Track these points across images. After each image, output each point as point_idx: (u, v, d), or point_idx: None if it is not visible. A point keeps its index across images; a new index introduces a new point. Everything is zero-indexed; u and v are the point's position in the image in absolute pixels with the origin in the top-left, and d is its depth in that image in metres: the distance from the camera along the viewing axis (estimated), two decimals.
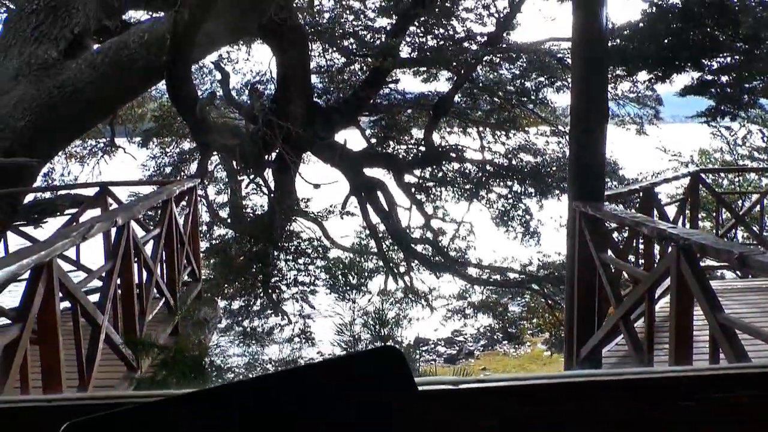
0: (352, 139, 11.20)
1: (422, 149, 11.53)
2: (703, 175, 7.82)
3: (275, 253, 10.46)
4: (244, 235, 10.47)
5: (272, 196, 10.43)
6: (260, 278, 10.44)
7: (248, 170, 10.35)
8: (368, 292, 8.47)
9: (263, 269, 10.29)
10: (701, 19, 8.88)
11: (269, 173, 10.45)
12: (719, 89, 9.86)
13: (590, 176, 5.18)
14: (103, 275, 4.84)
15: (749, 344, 3.65)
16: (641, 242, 6.01)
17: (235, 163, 9.99)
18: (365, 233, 11.53)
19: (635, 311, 4.61)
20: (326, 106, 10.95)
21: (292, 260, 10.51)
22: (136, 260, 5.27)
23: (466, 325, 13.64)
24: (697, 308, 3.80)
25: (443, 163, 11.63)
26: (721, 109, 10.22)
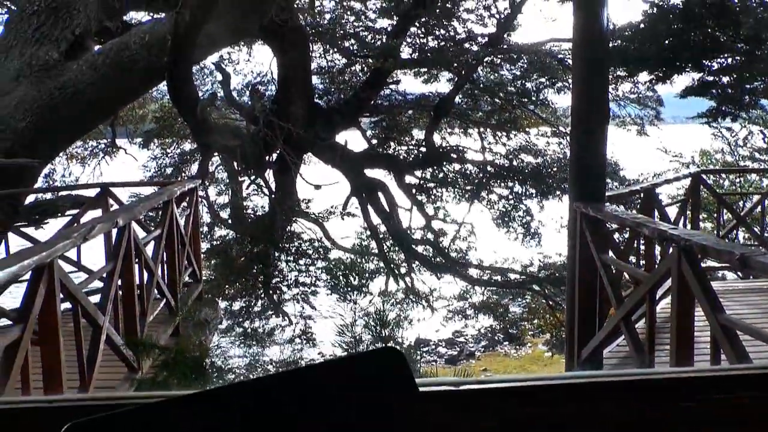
0: (352, 140, 11.21)
1: (423, 150, 11.53)
2: (704, 176, 7.81)
3: (276, 254, 10.45)
4: (245, 236, 10.46)
5: (273, 197, 10.42)
6: (261, 279, 10.43)
7: (249, 171, 10.34)
8: (369, 293, 8.44)
9: (264, 270, 10.28)
10: (702, 19, 8.87)
11: (270, 174, 10.44)
12: (720, 90, 9.85)
13: (591, 177, 5.17)
14: (104, 276, 4.85)
15: (750, 345, 3.64)
16: (642, 243, 6.01)
17: (236, 164, 9.98)
18: (366, 234, 11.54)
19: (636, 312, 4.60)
20: (327, 107, 10.96)
21: (293, 261, 10.50)
22: (137, 261, 5.28)
23: (467, 326, 13.65)
24: (698, 309, 3.79)
25: (444, 163, 11.63)
26: (722, 109, 10.22)
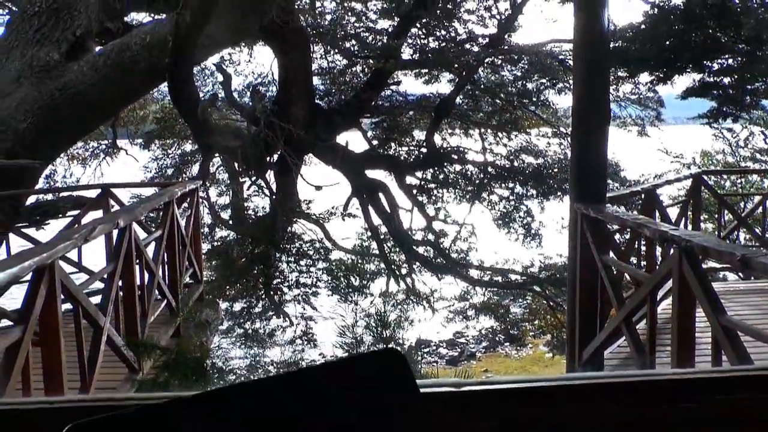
0: (353, 140, 11.21)
1: (424, 151, 11.54)
2: (705, 176, 7.79)
3: (277, 254, 10.45)
4: (245, 236, 10.47)
5: (274, 197, 10.42)
6: (262, 280, 10.43)
7: (250, 172, 10.33)
8: (370, 293, 8.46)
9: (265, 271, 10.29)
10: (703, 20, 8.87)
11: (271, 175, 10.44)
12: (721, 91, 9.84)
13: (592, 178, 5.17)
14: (104, 277, 4.85)
15: (751, 346, 3.64)
16: (643, 244, 6.00)
17: (236, 164, 9.98)
18: (367, 235, 11.54)
19: (637, 313, 4.60)
20: (328, 107, 10.96)
21: (293, 262, 10.50)
22: (137, 262, 5.28)
23: (467, 326, 13.66)
24: (699, 310, 3.79)
25: (445, 164, 11.63)
26: (723, 110, 10.20)
